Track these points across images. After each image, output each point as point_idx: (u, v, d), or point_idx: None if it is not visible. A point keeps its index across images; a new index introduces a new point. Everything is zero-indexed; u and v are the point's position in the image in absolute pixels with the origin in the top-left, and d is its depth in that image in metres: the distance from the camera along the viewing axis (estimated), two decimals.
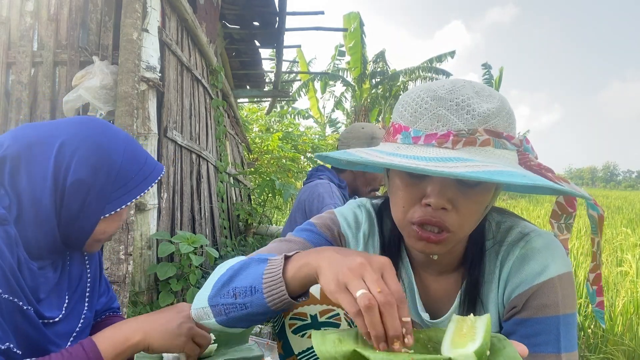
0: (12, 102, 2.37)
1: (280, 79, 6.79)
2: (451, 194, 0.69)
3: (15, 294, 0.80)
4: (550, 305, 0.73)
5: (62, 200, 0.85)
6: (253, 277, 0.70)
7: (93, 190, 0.86)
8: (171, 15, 2.84)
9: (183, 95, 3.00)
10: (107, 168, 0.87)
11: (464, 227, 0.72)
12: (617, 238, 6.43)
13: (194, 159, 3.20)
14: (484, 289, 0.82)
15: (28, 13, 2.41)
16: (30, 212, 0.84)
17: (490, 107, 0.68)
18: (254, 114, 9.95)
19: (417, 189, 0.72)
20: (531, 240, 0.78)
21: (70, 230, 0.88)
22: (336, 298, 0.58)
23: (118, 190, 0.90)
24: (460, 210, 0.70)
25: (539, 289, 0.74)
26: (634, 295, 2.89)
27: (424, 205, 0.70)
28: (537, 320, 0.74)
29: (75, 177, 0.84)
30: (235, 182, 4.57)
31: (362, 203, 0.96)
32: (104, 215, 0.89)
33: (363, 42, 14.96)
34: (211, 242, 3.42)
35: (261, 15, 4.98)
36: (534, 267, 0.76)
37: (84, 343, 0.83)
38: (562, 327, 0.73)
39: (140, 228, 2.32)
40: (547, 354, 0.72)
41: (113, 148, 0.88)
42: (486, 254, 0.82)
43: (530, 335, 0.74)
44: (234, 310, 0.72)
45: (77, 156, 0.85)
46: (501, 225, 0.84)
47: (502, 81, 17.70)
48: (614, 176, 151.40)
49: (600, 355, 2.26)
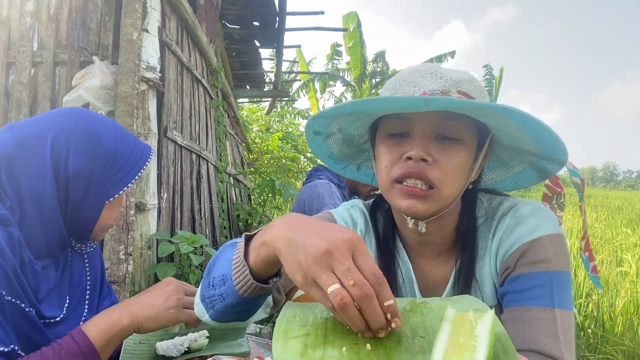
0: (12, 102, 2.37)
1: (280, 79, 6.79)
2: (430, 148, 0.74)
3: (18, 295, 0.80)
4: (542, 260, 0.74)
5: (66, 192, 0.87)
6: (224, 264, 0.67)
7: (94, 177, 0.89)
8: (171, 15, 2.84)
9: (183, 95, 3.00)
10: (102, 154, 0.89)
11: (446, 183, 0.74)
12: (617, 238, 6.43)
13: (194, 159, 3.20)
14: (477, 265, 0.82)
15: (28, 13, 2.41)
16: (34, 208, 0.84)
17: (461, 76, 0.76)
18: (254, 114, 9.95)
19: (398, 148, 0.76)
20: (519, 209, 0.80)
21: (78, 220, 0.90)
22: (306, 291, 0.52)
23: (117, 174, 0.92)
24: (440, 164, 0.73)
25: (529, 247, 0.75)
26: (634, 295, 2.89)
27: (405, 160, 0.74)
28: (529, 275, 0.74)
29: (76, 166, 0.86)
30: (235, 182, 4.57)
31: (354, 204, 0.99)
32: (108, 199, 0.92)
33: (362, 42, 14.95)
34: (211, 242, 3.42)
35: (261, 15, 4.99)
36: (524, 229, 0.77)
37: (73, 333, 0.83)
38: (555, 283, 0.72)
39: (140, 228, 2.32)
40: (541, 307, 0.71)
41: (104, 134, 0.91)
42: (478, 230, 0.83)
43: (524, 289, 0.73)
44: (216, 302, 0.68)
45: (72, 147, 0.86)
46: (492, 202, 0.86)
47: (502, 81, 17.70)
48: (614, 176, 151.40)
49: (600, 355, 2.26)
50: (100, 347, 0.83)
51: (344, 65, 16.36)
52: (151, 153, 1.01)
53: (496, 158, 0.89)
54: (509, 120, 0.71)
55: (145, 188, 2.30)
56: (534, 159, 0.81)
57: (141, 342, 1.02)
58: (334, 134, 0.92)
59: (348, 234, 0.52)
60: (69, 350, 0.80)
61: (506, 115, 0.69)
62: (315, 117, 0.83)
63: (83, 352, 0.81)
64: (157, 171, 2.47)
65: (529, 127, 0.70)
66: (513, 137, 0.78)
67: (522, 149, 0.80)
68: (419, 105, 0.67)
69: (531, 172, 0.86)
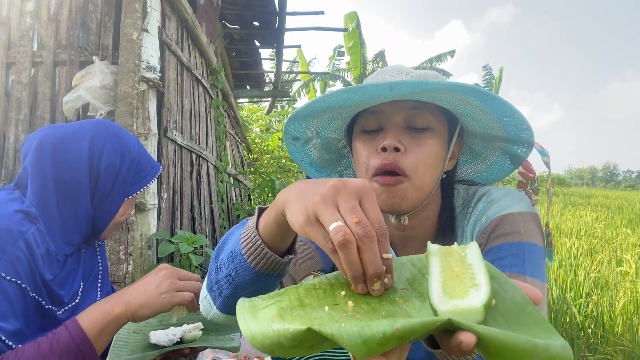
0: (12, 102, 2.37)
1: (280, 79, 6.79)
2: (402, 137, 0.78)
3: (40, 293, 0.88)
4: (513, 232, 0.75)
5: (97, 182, 0.99)
6: (233, 242, 0.65)
7: (121, 174, 1.02)
8: (171, 15, 2.84)
9: (183, 95, 3.00)
10: (129, 156, 1.03)
11: (419, 172, 0.77)
12: (617, 238, 6.43)
13: (194, 159, 3.20)
14: None
15: (28, 13, 2.41)
16: (70, 195, 0.96)
17: (427, 72, 0.81)
18: (254, 114, 9.94)
19: (373, 142, 0.80)
20: (492, 193, 0.83)
21: (101, 210, 1.01)
22: (306, 232, 0.49)
23: (136, 176, 1.06)
24: (413, 152, 0.77)
25: (500, 221, 0.77)
26: (634, 295, 2.89)
27: (379, 152, 0.77)
28: (500, 246, 0.75)
29: (109, 161, 0.99)
30: (235, 182, 4.56)
31: None
32: (127, 197, 1.05)
33: (362, 42, 14.94)
34: (211, 242, 3.42)
35: (261, 15, 4.98)
36: (495, 209, 0.80)
37: (67, 323, 0.85)
38: (527, 253, 0.73)
39: (140, 228, 2.32)
40: (513, 273, 0.71)
41: (130, 141, 1.06)
42: (456, 219, 0.86)
43: (496, 259, 0.74)
44: (225, 286, 0.65)
45: (107, 145, 1.00)
46: (468, 191, 0.89)
47: (501, 81, 17.69)
48: (614, 176, 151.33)
49: (599, 355, 2.26)
50: (93, 336, 0.84)
51: (344, 65, 16.36)
52: (160, 170, 1.16)
53: (469, 150, 0.92)
54: (471, 100, 0.74)
55: (145, 188, 2.30)
56: (504, 144, 0.84)
57: (135, 332, 1.04)
58: (312, 139, 0.94)
59: (359, 181, 0.50)
60: (62, 339, 0.82)
61: (467, 96, 0.73)
62: (291, 119, 0.86)
63: (76, 341, 0.82)
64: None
65: (492, 107, 0.74)
66: (480, 122, 0.81)
67: (490, 135, 0.84)
68: (385, 91, 0.71)
69: (504, 161, 0.89)
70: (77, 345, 0.83)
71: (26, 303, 0.85)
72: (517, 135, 0.79)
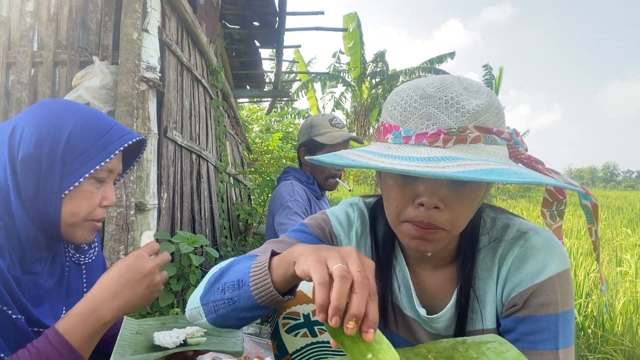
0: (12, 102, 2.37)
1: (280, 79, 6.79)
2: (443, 193, 0.70)
3: (5, 302, 0.77)
4: (549, 303, 0.75)
5: (19, 182, 0.82)
6: (241, 271, 0.71)
7: (44, 165, 0.82)
8: (171, 15, 2.84)
9: (183, 95, 3.00)
10: (52, 139, 0.82)
11: (457, 225, 0.73)
12: (617, 238, 6.43)
13: (194, 159, 3.20)
14: (480, 285, 0.82)
15: (28, 13, 2.41)
16: (3, 205, 0.81)
17: (479, 103, 0.69)
18: (254, 114, 9.94)
19: (409, 189, 0.72)
20: (530, 239, 0.79)
21: (37, 214, 0.83)
22: (308, 268, 0.58)
23: (72, 163, 0.84)
24: (452, 209, 0.71)
25: (538, 288, 0.76)
26: (634, 295, 2.89)
27: (417, 205, 0.71)
28: (536, 318, 0.75)
29: (23, 153, 0.81)
30: (235, 182, 4.56)
31: (354, 202, 0.97)
32: (64, 192, 0.84)
33: (362, 42, 14.94)
34: (211, 242, 3.42)
35: (261, 15, 4.98)
36: (534, 266, 0.77)
37: (51, 338, 0.78)
38: (561, 324, 0.75)
39: (140, 228, 2.32)
40: (546, 351, 0.74)
41: (61, 120, 0.84)
42: (481, 251, 0.83)
43: (530, 332, 0.75)
44: (222, 306, 0.72)
45: (24, 134, 0.82)
46: (496, 222, 0.84)
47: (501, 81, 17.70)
48: (614, 176, 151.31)
49: (599, 355, 2.26)
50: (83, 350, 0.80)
51: (344, 65, 16.35)
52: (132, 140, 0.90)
53: None
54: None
55: (145, 188, 2.30)
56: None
57: (138, 333, 1.02)
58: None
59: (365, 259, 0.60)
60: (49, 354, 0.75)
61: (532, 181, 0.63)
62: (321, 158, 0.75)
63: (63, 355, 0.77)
64: (157, 171, 2.46)
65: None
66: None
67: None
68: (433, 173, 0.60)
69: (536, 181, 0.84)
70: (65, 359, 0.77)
71: None
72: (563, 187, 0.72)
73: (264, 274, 0.67)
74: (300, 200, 2.18)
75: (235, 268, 0.74)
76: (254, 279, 0.68)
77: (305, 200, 2.23)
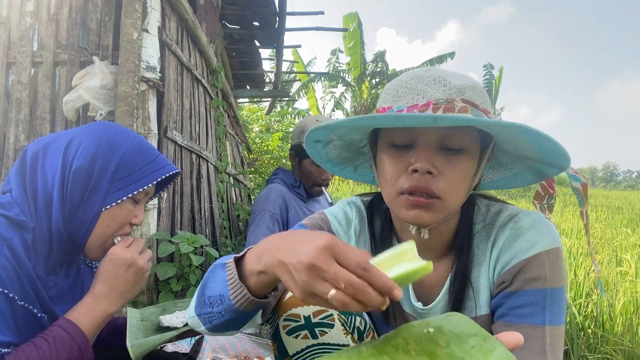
0: (12, 102, 2.37)
1: (280, 79, 6.79)
2: (436, 160, 0.74)
3: (30, 301, 0.83)
4: (537, 278, 0.75)
5: (67, 190, 0.88)
6: (220, 284, 0.70)
7: (94, 180, 0.89)
8: (171, 15, 2.84)
9: (183, 96, 3.00)
10: (106, 158, 0.90)
11: (451, 194, 0.75)
12: (617, 238, 6.43)
13: (194, 159, 3.20)
14: (474, 272, 0.83)
15: (28, 13, 2.41)
16: (44, 209, 0.87)
17: (464, 82, 0.75)
18: (254, 114, 9.94)
19: (403, 160, 0.76)
20: (520, 220, 0.81)
21: (74, 223, 0.90)
22: (312, 303, 0.58)
23: (119, 182, 0.91)
24: (445, 176, 0.74)
25: (527, 263, 0.76)
26: (634, 295, 2.89)
27: (410, 173, 0.74)
28: (524, 292, 0.75)
29: (77, 165, 0.88)
30: (235, 182, 4.56)
31: (352, 201, 0.99)
32: (105, 207, 0.91)
33: (362, 43, 14.94)
34: (211, 242, 3.42)
35: (261, 15, 4.98)
36: (523, 244, 0.78)
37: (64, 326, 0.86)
38: (549, 300, 0.74)
39: (140, 228, 2.32)
40: (532, 325, 0.74)
41: (117, 142, 0.92)
42: (476, 237, 0.84)
43: (517, 306, 0.75)
44: (215, 318, 0.73)
45: (81, 148, 0.89)
46: (490, 208, 0.86)
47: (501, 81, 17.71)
48: (614, 176, 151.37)
49: (599, 355, 2.26)
50: (90, 336, 0.88)
51: (344, 66, 16.36)
52: (170, 172, 0.98)
53: (495, 160, 0.89)
54: (518, 133, 0.71)
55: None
56: (535, 163, 0.81)
57: (143, 320, 1.10)
58: (334, 141, 0.92)
59: (322, 240, 0.55)
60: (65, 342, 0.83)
61: (515, 130, 0.69)
62: (318, 128, 0.82)
63: (77, 343, 0.84)
64: None
65: (536, 139, 0.71)
66: (517, 145, 0.78)
67: (524, 155, 0.81)
68: (428, 122, 0.67)
69: (529, 174, 0.86)
70: (79, 347, 0.84)
71: (15, 313, 0.80)
72: (554, 161, 0.77)
73: (238, 287, 0.67)
74: (271, 211, 2.24)
75: (214, 279, 0.73)
76: (232, 292, 0.67)
77: (282, 208, 2.28)
